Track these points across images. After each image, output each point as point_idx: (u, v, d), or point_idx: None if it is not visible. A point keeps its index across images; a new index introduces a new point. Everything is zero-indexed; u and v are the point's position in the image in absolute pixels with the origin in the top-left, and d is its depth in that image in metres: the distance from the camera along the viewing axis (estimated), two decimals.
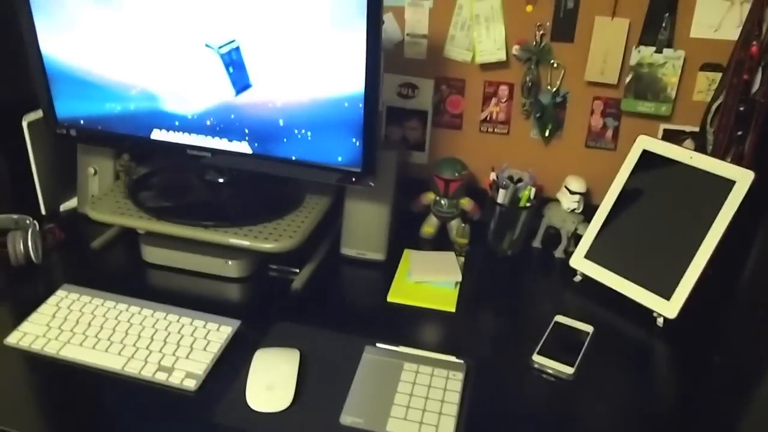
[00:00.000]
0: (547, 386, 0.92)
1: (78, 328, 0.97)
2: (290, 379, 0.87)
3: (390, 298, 1.09)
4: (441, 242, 1.26)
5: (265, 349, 0.93)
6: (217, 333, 0.96)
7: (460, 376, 0.90)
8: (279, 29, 0.99)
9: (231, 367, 0.92)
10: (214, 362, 0.92)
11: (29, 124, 1.22)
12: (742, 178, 1.02)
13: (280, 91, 1.04)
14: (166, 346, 0.94)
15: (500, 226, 1.22)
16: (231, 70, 1.04)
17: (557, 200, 1.24)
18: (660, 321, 1.05)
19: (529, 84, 1.23)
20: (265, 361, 0.90)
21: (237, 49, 1.03)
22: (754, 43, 1.06)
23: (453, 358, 0.94)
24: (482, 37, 1.21)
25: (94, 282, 1.08)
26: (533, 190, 1.19)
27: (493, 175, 1.22)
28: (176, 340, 0.95)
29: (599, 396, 0.91)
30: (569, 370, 0.93)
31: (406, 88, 1.31)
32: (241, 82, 1.05)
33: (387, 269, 1.17)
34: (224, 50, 1.03)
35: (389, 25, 1.25)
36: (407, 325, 1.03)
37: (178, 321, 0.99)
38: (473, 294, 1.12)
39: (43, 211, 1.30)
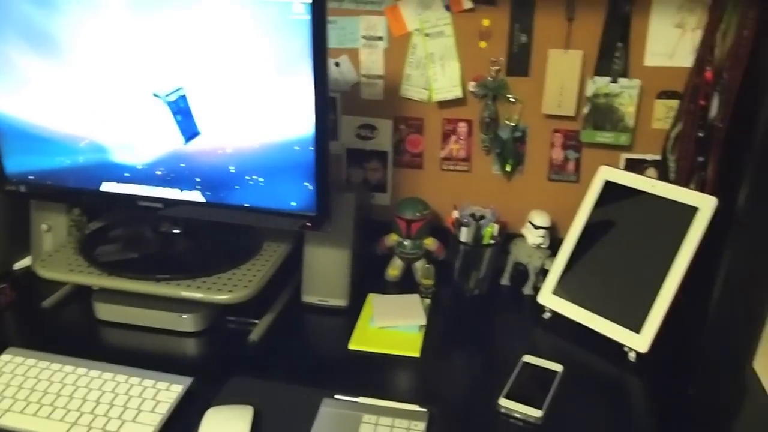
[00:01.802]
0: (515, 431, 0.88)
1: (20, 394, 0.92)
2: None
3: (352, 346, 1.05)
4: (407, 284, 1.23)
5: (217, 407, 0.88)
6: (167, 392, 0.92)
7: (422, 426, 0.85)
8: (225, 75, 0.98)
9: (180, 428, 0.87)
10: (163, 424, 0.87)
11: None
12: (705, 204, 1.00)
13: (229, 137, 1.02)
14: (112, 410, 0.89)
15: (465, 265, 1.18)
16: (179, 117, 1.02)
17: (523, 236, 1.22)
18: (632, 355, 1.02)
19: (488, 120, 1.21)
20: (215, 421, 0.85)
21: (184, 96, 1.01)
22: (708, 68, 1.05)
23: (416, 407, 0.89)
24: (438, 75, 1.20)
25: (44, 343, 1.03)
26: (496, 226, 1.16)
27: (455, 213, 1.19)
28: (123, 402, 0.90)
29: None
30: (537, 413, 0.89)
31: (365, 129, 1.29)
32: (189, 129, 1.03)
33: (350, 315, 1.13)
34: (171, 98, 1.01)
35: (345, 67, 1.24)
36: (369, 374, 0.99)
37: (126, 381, 0.94)
38: (439, 337, 1.08)
39: None
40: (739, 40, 1.00)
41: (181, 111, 1.01)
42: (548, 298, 1.12)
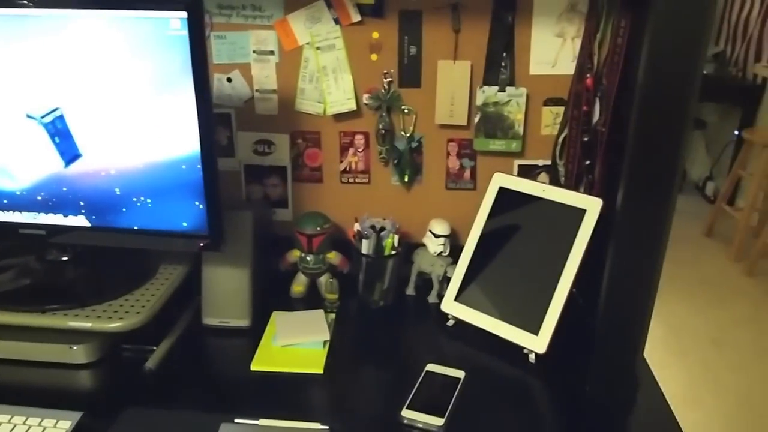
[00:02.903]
0: None
1: None
2: None
3: (254, 367, 1.02)
4: (313, 300, 1.21)
5: None
6: (54, 430, 0.86)
7: None
8: (105, 94, 0.94)
9: None
10: None
11: None
12: (592, 206, 1.04)
13: (112, 158, 0.98)
14: None
15: (369, 277, 1.18)
16: (57, 140, 0.98)
17: (425, 245, 1.23)
18: (532, 357, 1.04)
19: (383, 131, 1.22)
20: None
21: (61, 117, 0.96)
22: (588, 75, 1.10)
23: (317, 425, 0.88)
24: (331, 88, 1.20)
25: None
26: (396, 237, 1.17)
27: (356, 226, 1.19)
28: None
29: None
30: (439, 422, 0.89)
31: (261, 144, 1.27)
32: (69, 151, 0.98)
33: (253, 335, 1.10)
34: (47, 119, 0.97)
35: (237, 82, 1.22)
36: (272, 395, 0.97)
37: (9, 421, 0.88)
38: (344, 351, 1.07)
39: None
40: (614, 47, 1.05)
41: (59, 132, 0.97)
42: (451, 306, 1.13)
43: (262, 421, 0.89)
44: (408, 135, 1.23)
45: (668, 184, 0.87)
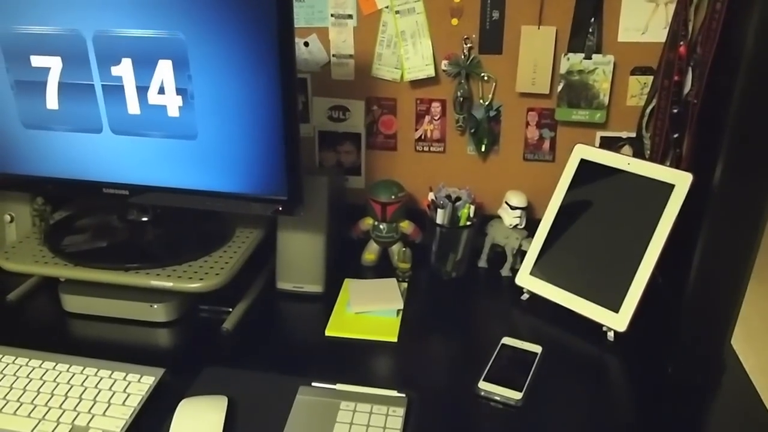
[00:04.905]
0: (495, 414, 0.87)
1: None
2: (216, 429, 0.80)
3: (328, 332, 1.03)
4: (383, 269, 1.21)
5: (191, 398, 0.86)
6: (138, 384, 0.89)
7: (401, 411, 0.84)
8: (187, 54, 0.94)
9: (153, 420, 0.84)
10: (134, 417, 0.84)
11: None
12: (681, 181, 0.99)
13: (193, 119, 0.98)
14: (81, 403, 0.86)
15: (442, 248, 1.17)
16: (141, 100, 0.99)
17: (499, 217, 1.20)
18: (610, 335, 1.01)
19: (461, 99, 1.19)
20: (189, 412, 0.83)
21: (147, 77, 0.97)
22: (682, 43, 1.04)
23: (394, 393, 0.88)
24: (409, 53, 1.18)
25: (9, 337, 1.00)
26: (472, 207, 1.15)
27: (431, 195, 1.17)
28: (93, 396, 0.87)
29: (550, 419, 0.86)
30: (517, 396, 0.88)
31: (336, 111, 1.26)
32: (153, 113, 0.99)
33: (326, 301, 1.11)
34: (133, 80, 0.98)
35: (314, 46, 1.21)
36: (347, 360, 0.97)
37: (96, 374, 0.91)
38: (417, 321, 1.06)
39: None
40: (712, 13, 0.99)
41: (144, 92, 0.98)
42: (526, 280, 1.11)
43: (339, 386, 0.89)
44: (486, 103, 1.20)
45: None
